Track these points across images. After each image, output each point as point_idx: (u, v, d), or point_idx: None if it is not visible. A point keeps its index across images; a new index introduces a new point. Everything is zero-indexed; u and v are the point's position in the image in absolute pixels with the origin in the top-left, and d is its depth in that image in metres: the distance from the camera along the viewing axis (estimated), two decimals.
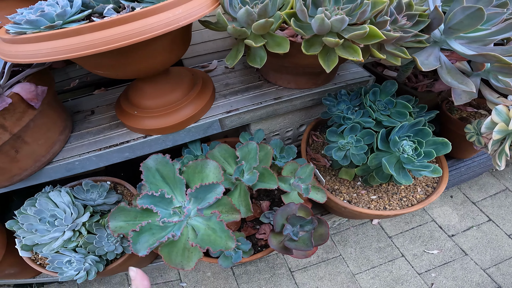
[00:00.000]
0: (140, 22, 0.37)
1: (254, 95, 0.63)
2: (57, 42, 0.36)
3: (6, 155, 0.50)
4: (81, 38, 0.36)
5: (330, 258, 1.10)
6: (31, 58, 0.37)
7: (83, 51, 0.36)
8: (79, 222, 0.59)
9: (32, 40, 0.37)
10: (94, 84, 0.80)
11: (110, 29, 0.36)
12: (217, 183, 0.51)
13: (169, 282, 1.11)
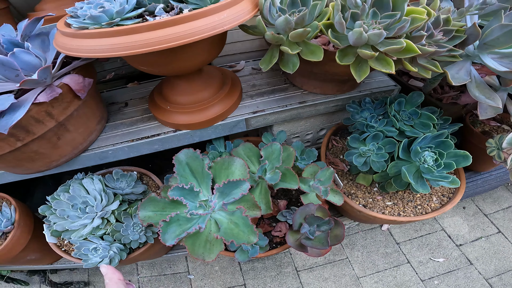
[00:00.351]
0: (190, 24, 0.40)
1: (280, 98, 0.66)
2: (116, 39, 0.39)
3: (48, 142, 0.54)
4: (139, 36, 0.39)
5: (336, 260, 1.12)
6: (91, 53, 0.40)
7: (139, 49, 0.39)
8: (109, 210, 0.62)
9: (94, 35, 0.40)
10: (126, 77, 0.84)
11: (164, 29, 0.39)
12: (243, 180, 0.54)
13: (177, 273, 1.15)
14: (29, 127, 0.48)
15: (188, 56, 0.50)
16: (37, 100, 0.47)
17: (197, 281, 1.12)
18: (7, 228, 0.68)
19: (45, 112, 0.49)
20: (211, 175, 0.57)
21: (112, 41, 0.40)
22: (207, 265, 1.16)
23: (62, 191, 0.63)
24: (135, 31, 0.39)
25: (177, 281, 1.13)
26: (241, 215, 0.54)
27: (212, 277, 1.13)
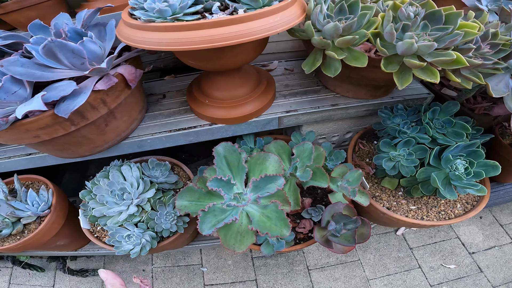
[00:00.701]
0: (248, 24, 0.43)
1: (312, 99, 0.68)
2: (181, 33, 0.42)
3: (97, 127, 0.57)
4: (202, 32, 0.41)
5: (348, 261, 1.14)
6: (157, 46, 0.43)
7: (201, 45, 0.42)
8: (145, 198, 0.64)
9: (161, 29, 0.42)
10: (161, 70, 0.87)
11: (226, 27, 0.42)
12: (279, 175, 0.56)
13: (191, 265, 1.18)
14: (85, 113, 0.52)
15: (237, 54, 0.52)
16: (96, 87, 0.50)
17: (210, 274, 1.15)
18: (44, 212, 0.70)
19: (100, 100, 0.52)
20: (246, 168, 0.60)
21: (177, 35, 0.42)
22: (221, 258, 1.19)
23: (101, 176, 0.66)
24: (200, 27, 0.42)
25: (190, 273, 1.16)
26: (275, 208, 0.56)
27: (224, 271, 1.16)
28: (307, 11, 0.51)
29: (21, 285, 1.18)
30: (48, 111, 0.47)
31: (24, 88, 0.46)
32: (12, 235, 0.70)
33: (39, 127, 0.49)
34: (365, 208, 0.69)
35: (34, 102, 0.44)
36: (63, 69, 0.49)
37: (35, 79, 0.45)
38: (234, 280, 1.13)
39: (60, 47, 0.42)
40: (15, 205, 0.64)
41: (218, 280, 1.14)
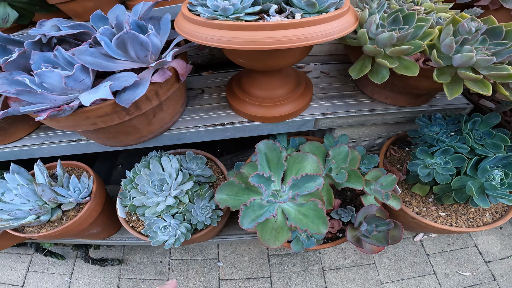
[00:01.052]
0: (308, 29, 0.44)
1: (349, 103, 0.70)
2: (244, 33, 0.43)
3: (146, 118, 0.60)
4: (263, 33, 0.43)
5: (363, 264, 1.15)
6: (219, 43, 0.45)
7: (262, 46, 0.43)
8: (183, 190, 0.65)
9: (224, 27, 0.44)
10: (196, 65, 0.90)
11: (286, 31, 0.44)
12: (318, 175, 0.58)
13: (207, 259, 1.20)
14: (140, 104, 0.54)
15: (287, 56, 0.54)
16: (153, 80, 0.52)
17: (225, 269, 1.17)
18: (84, 200, 0.70)
19: (154, 92, 0.54)
20: (285, 166, 0.62)
21: (241, 35, 0.44)
22: (237, 254, 1.21)
23: (142, 166, 0.68)
24: (262, 28, 0.44)
25: (206, 267, 1.18)
26: (314, 207, 0.58)
27: (240, 267, 1.18)
28: (359, 19, 0.52)
29: (39, 273, 1.21)
30: (110, 100, 0.49)
31: (89, 77, 0.48)
32: (50, 221, 0.70)
33: (98, 115, 0.51)
34: (394, 212, 0.70)
35: (101, 91, 0.46)
36: (124, 61, 0.52)
37: (101, 68, 0.48)
38: (249, 277, 1.15)
39: (132, 39, 0.44)
40: (58, 191, 0.66)
41: (233, 275, 1.16)
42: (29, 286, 1.18)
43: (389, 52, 0.49)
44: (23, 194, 0.61)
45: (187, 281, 1.15)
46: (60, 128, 0.55)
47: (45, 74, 0.43)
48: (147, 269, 1.19)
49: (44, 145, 0.71)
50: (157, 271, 1.18)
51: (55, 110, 0.44)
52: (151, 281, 1.15)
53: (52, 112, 0.43)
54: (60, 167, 0.71)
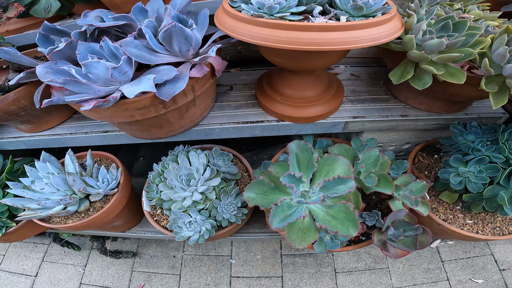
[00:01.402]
0: (355, 32, 0.44)
1: (381, 108, 0.69)
2: (289, 33, 0.43)
3: (179, 112, 0.60)
4: (309, 34, 0.43)
5: (376, 268, 1.14)
6: (261, 41, 0.44)
7: (307, 46, 0.43)
8: (210, 186, 0.66)
9: (271, 25, 0.43)
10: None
11: (332, 33, 0.43)
12: (350, 178, 0.58)
13: (220, 256, 1.20)
14: (177, 98, 0.54)
15: (326, 58, 0.54)
16: (191, 74, 0.52)
17: (237, 266, 1.17)
18: (112, 191, 0.70)
19: (191, 86, 0.55)
20: (316, 168, 0.61)
21: (286, 34, 0.44)
22: (250, 252, 1.21)
23: (171, 160, 0.69)
24: (308, 29, 0.43)
25: (218, 263, 1.18)
26: (344, 209, 0.58)
27: (252, 265, 1.18)
28: (406, 25, 0.52)
29: (54, 263, 1.23)
30: (150, 93, 0.50)
31: (131, 69, 0.49)
32: (77, 212, 0.70)
33: (137, 107, 0.51)
34: (420, 218, 0.70)
35: (144, 83, 0.46)
36: (165, 54, 0.52)
37: (144, 61, 0.48)
38: (261, 275, 1.15)
39: (178, 32, 0.44)
40: (88, 181, 0.67)
41: (245, 273, 1.16)
42: (42, 276, 1.19)
43: (436, 59, 0.48)
44: (54, 183, 0.62)
45: (198, 276, 1.15)
46: (98, 118, 0.56)
47: (92, 64, 0.44)
48: (160, 263, 1.20)
49: (76, 134, 0.72)
50: (169, 266, 1.19)
51: (101, 101, 0.44)
52: (163, 275, 1.16)
53: (98, 103, 0.44)
54: (91, 157, 0.72)
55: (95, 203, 0.71)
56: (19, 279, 1.20)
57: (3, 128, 0.84)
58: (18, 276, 1.21)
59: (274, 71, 0.72)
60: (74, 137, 0.75)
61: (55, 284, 1.17)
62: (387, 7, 0.48)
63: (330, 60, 0.55)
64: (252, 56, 0.98)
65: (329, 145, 0.75)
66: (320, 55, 0.52)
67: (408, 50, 0.50)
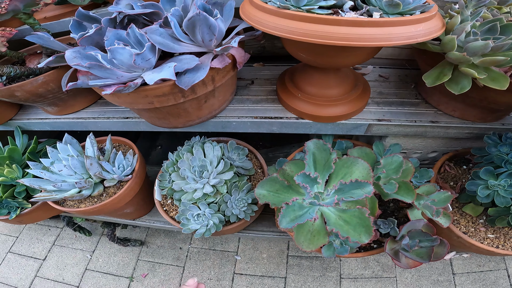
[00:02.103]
0: (389, 29, 0.41)
1: (409, 112, 0.65)
2: (317, 26, 0.41)
3: (198, 103, 0.59)
4: (338, 29, 0.40)
5: (384, 277, 1.10)
6: (287, 33, 0.42)
7: (336, 41, 0.40)
8: (222, 179, 0.64)
9: (298, 18, 0.41)
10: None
11: (363, 28, 0.40)
12: (369, 183, 0.55)
13: (226, 251, 1.20)
14: (196, 87, 0.53)
15: (355, 55, 0.51)
16: (212, 65, 0.51)
17: (242, 263, 1.17)
18: (126, 177, 0.71)
19: (211, 77, 0.54)
20: (332, 169, 0.59)
21: (313, 28, 0.42)
22: (257, 250, 1.20)
23: (185, 150, 0.69)
24: (338, 23, 0.41)
25: (224, 259, 1.18)
26: (358, 214, 0.55)
27: (257, 263, 1.17)
28: (448, 25, 0.48)
29: (64, 247, 1.27)
30: (170, 81, 0.49)
31: (154, 57, 0.49)
32: (91, 196, 0.70)
33: (156, 95, 0.51)
34: (439, 229, 0.66)
35: (165, 71, 0.46)
36: (188, 44, 0.51)
37: (168, 49, 0.47)
38: (264, 274, 1.14)
39: (202, 21, 0.43)
40: (104, 166, 0.68)
41: (249, 271, 1.15)
42: (50, 260, 1.24)
43: (478, 62, 0.44)
44: (72, 165, 0.64)
45: (202, 270, 1.16)
46: (119, 103, 0.56)
47: (118, 50, 0.44)
48: (166, 254, 1.21)
49: (99, 119, 0.74)
50: (175, 257, 1.20)
51: (121, 86, 0.44)
52: (167, 266, 1.18)
53: (118, 88, 0.44)
54: (110, 142, 0.74)
55: (108, 188, 0.72)
56: (27, 262, 1.24)
57: (31, 109, 0.87)
58: (27, 259, 1.25)
59: (297, 68, 0.70)
60: (96, 121, 0.76)
61: (61, 269, 1.20)
62: (427, 5, 0.44)
63: (358, 58, 0.53)
64: (275, 52, 0.96)
65: (349, 147, 0.72)
66: (349, 51, 0.49)
67: (448, 51, 0.46)
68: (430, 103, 0.67)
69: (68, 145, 0.69)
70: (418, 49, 0.59)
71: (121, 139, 0.81)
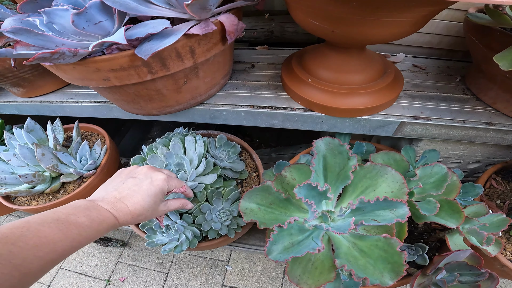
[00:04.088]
0: None
1: (455, 110, 0.49)
2: None
3: (175, 83, 0.45)
4: None
5: None
6: None
7: None
8: (202, 183, 0.51)
9: None
10: (249, 41, 0.75)
11: None
12: (401, 202, 0.39)
13: (216, 260, 1.07)
14: (167, 61, 0.40)
15: (392, 23, 0.36)
16: (190, 31, 0.37)
17: (232, 274, 1.03)
18: (88, 173, 0.59)
19: (189, 48, 0.40)
20: (350, 180, 0.44)
21: None
22: (250, 261, 1.06)
23: (161, 143, 0.55)
24: None
25: (212, 268, 1.05)
26: (382, 245, 0.41)
27: (249, 275, 1.03)
28: None
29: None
30: (127, 51, 0.36)
31: (111, 21, 0.35)
32: (44, 193, 0.59)
33: (111, 68, 0.38)
34: None
35: (115, 34, 0.32)
36: (162, 7, 0.37)
37: (128, 10, 0.34)
38: None
39: None
40: (61, 158, 0.55)
41: (239, 283, 1.01)
42: None
43: None
44: (21, 155, 0.51)
45: (187, 279, 1.03)
46: (70, 80, 0.44)
47: (55, 12, 0.33)
48: (149, 258, 1.09)
49: (67, 103, 0.62)
50: (158, 262, 1.08)
51: (47, 52, 0.31)
52: (149, 271, 1.06)
53: (41, 55, 0.30)
54: (76, 130, 0.61)
55: (68, 184, 0.59)
56: None
57: (2, 92, 0.76)
58: None
59: (308, 49, 0.55)
60: (64, 105, 0.64)
61: None
62: None
63: (399, 27, 0.37)
64: (285, 38, 0.82)
65: (370, 151, 0.56)
66: (385, 16, 0.34)
67: None
68: (482, 100, 0.50)
69: (22, 131, 0.57)
70: (477, 31, 0.43)
71: (93, 127, 0.68)
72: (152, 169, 0.37)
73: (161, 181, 0.36)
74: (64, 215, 0.28)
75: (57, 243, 0.26)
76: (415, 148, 0.56)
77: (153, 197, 0.34)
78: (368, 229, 0.46)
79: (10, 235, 0.24)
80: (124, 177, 0.37)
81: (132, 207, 0.33)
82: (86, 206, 0.31)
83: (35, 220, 0.26)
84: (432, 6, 0.33)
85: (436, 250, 0.57)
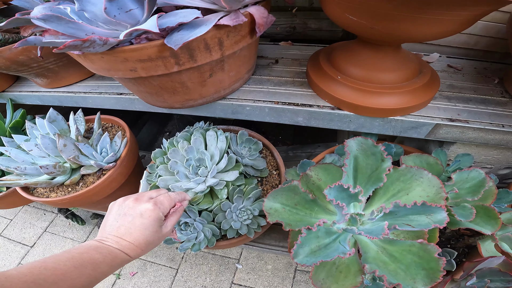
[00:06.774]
0: None
1: (494, 112, 0.46)
2: None
3: (200, 76, 0.44)
4: None
5: None
6: None
7: None
8: (223, 180, 0.49)
9: None
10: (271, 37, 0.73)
11: None
12: (439, 207, 0.37)
13: (226, 258, 1.06)
14: (195, 52, 0.38)
15: (442, 21, 0.33)
16: (220, 22, 0.35)
17: (242, 273, 1.02)
18: (108, 165, 0.58)
19: (218, 40, 0.38)
20: (382, 183, 0.41)
21: None
22: (261, 260, 1.05)
23: (182, 137, 0.54)
24: None
25: (223, 265, 1.04)
26: (417, 250, 0.39)
27: (260, 274, 1.02)
28: None
29: (54, 235, 1.17)
30: (156, 41, 0.35)
31: (142, 9, 0.34)
32: (64, 185, 0.58)
33: (139, 59, 0.37)
34: None
35: (147, 22, 0.31)
36: None
37: None
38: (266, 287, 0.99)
39: None
40: (83, 149, 0.54)
41: (249, 282, 1.00)
42: (38, 247, 1.15)
43: None
44: (43, 145, 0.51)
45: (197, 275, 1.02)
46: (95, 71, 0.43)
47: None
48: (160, 253, 1.09)
49: (90, 94, 0.62)
50: (169, 257, 1.08)
51: (78, 40, 0.30)
52: (160, 266, 1.05)
53: (72, 42, 0.29)
54: (98, 121, 0.60)
55: (87, 176, 0.59)
56: (15, 248, 1.16)
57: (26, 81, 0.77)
58: (15, 244, 1.17)
59: (337, 46, 0.53)
60: (87, 96, 0.64)
61: None
62: None
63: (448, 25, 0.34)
64: (307, 35, 0.80)
65: (399, 153, 0.54)
66: (437, 12, 0.31)
67: None
68: None
69: (45, 121, 0.56)
70: None
71: (114, 119, 0.68)
72: (137, 201, 0.37)
73: (151, 212, 0.36)
74: (78, 254, 0.30)
75: (75, 279, 0.28)
76: (446, 151, 0.53)
77: (150, 228, 0.35)
78: (397, 234, 0.44)
79: (29, 274, 0.26)
80: (115, 215, 0.37)
81: (136, 242, 0.34)
82: (96, 245, 0.33)
83: (51, 260, 0.29)
84: (488, 6, 0.31)
85: (464, 256, 0.54)
